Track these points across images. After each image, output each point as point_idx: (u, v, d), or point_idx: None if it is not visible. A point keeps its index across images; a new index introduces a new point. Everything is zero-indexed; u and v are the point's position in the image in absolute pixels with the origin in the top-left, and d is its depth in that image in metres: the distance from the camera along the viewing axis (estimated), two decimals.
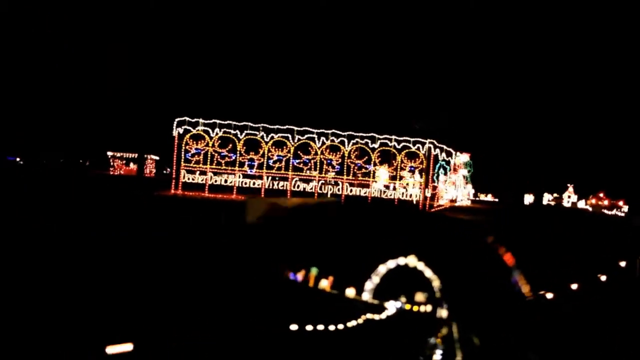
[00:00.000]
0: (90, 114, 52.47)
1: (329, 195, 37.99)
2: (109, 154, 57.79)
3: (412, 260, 18.48)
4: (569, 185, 65.74)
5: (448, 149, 39.88)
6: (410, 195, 38.09)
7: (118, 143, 56.10)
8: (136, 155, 56.19)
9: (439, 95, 46.67)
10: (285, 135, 37.74)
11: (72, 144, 55.86)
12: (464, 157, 53.46)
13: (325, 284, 19.17)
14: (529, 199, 62.70)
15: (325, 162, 37.95)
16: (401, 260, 18.56)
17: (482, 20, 51.30)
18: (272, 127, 37.77)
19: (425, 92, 46.13)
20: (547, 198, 65.96)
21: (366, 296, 19.15)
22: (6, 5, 49.85)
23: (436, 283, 17.97)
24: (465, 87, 51.37)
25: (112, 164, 57.67)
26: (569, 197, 67.57)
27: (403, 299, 18.36)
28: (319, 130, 37.87)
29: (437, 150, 39.00)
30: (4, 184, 34.51)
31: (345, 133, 37.89)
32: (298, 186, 37.93)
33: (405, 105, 45.11)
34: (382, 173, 38.20)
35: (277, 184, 37.85)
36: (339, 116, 39.72)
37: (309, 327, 10.87)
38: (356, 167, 38.00)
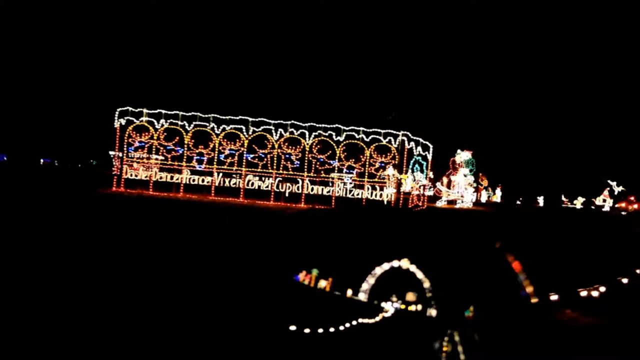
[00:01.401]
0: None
1: (286, 194, 33.79)
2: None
3: (405, 263, 17.82)
4: (607, 189, 63.88)
5: (425, 142, 34.94)
6: (382, 195, 33.45)
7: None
8: None
9: (417, 83, 41.53)
10: (239, 126, 33.73)
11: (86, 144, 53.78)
12: (465, 155, 48.40)
13: (324, 284, 18.49)
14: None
15: (283, 156, 33.74)
16: (395, 263, 17.93)
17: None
18: (223, 117, 33.85)
19: (398, 77, 41.07)
20: (580, 201, 64.34)
21: (362, 296, 18.58)
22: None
23: (427, 284, 17.36)
24: (464, 77, 45.97)
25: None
26: (604, 200, 65.55)
27: (394, 299, 17.78)
28: (276, 121, 33.72)
29: (412, 144, 34.17)
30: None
31: (306, 124, 33.60)
32: (252, 184, 33.86)
33: (376, 92, 40.17)
34: (409, 180, 34.61)
35: (229, 182, 33.88)
36: (300, 105, 35.32)
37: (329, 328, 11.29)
38: (318, 163, 33.62)
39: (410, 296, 17.42)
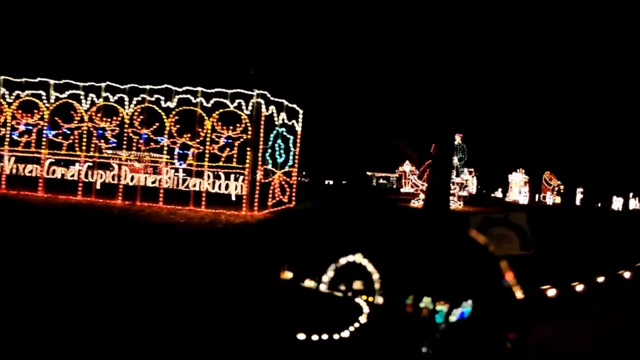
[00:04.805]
0: None
1: (98, 186, 24.01)
2: None
3: (358, 257, 12.03)
4: None
5: (291, 105, 24.11)
6: (228, 187, 23.02)
7: None
8: None
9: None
10: (37, 92, 24.42)
11: None
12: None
13: (289, 275, 14.35)
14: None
15: (94, 132, 24.06)
16: (350, 257, 12.21)
17: None
18: (16, 80, 24.67)
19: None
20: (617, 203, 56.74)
21: (323, 288, 13.27)
22: None
23: (376, 276, 10.89)
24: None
25: None
26: None
27: (342, 287, 11.01)
28: (86, 84, 24.15)
29: (272, 109, 23.44)
30: None
31: (126, 86, 23.79)
32: (54, 171, 24.35)
33: (228, 40, 29.16)
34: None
35: (24, 169, 24.54)
36: (116, 61, 25.44)
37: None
38: (141, 141, 23.66)
39: (358, 284, 17.69)
